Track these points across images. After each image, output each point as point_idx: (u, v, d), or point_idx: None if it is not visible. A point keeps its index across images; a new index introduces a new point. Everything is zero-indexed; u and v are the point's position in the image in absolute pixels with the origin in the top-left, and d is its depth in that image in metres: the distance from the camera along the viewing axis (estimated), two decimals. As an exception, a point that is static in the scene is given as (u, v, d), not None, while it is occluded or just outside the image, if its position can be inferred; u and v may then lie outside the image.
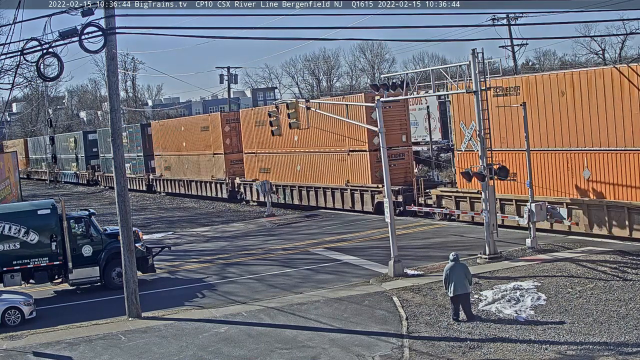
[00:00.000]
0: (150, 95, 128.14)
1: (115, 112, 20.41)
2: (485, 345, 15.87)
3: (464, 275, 17.76)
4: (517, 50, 60.34)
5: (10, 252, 23.29)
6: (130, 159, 61.66)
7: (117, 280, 23.62)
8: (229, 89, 72.32)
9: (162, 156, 58.40)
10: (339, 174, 38.00)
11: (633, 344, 15.09)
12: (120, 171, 20.37)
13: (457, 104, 30.23)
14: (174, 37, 67.34)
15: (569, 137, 25.56)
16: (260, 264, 26.87)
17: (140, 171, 62.05)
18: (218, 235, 35.16)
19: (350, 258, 26.11)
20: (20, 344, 18.53)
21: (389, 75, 30.81)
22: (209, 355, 16.68)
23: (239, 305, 20.87)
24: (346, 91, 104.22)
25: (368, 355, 15.82)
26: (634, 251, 22.52)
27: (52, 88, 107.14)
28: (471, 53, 23.15)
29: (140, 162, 61.74)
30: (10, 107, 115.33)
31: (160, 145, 58.91)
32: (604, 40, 76.68)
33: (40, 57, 18.23)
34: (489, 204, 23.47)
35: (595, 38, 75.34)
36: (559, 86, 25.66)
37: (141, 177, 62.05)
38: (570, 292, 18.99)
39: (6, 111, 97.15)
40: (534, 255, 23.41)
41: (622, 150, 23.81)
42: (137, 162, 62.38)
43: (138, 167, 62.51)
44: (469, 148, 29.10)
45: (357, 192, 36.71)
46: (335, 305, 19.79)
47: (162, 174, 58.61)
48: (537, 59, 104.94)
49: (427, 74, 26.12)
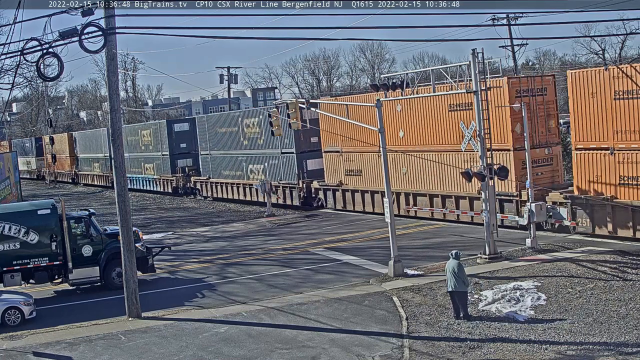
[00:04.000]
0: (150, 95, 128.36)
1: (115, 112, 20.41)
2: (485, 345, 15.87)
3: (456, 273, 17.78)
4: (517, 50, 60.24)
5: (10, 252, 23.28)
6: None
7: (117, 280, 23.61)
8: (229, 89, 72.36)
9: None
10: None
11: (633, 344, 15.09)
12: (120, 171, 20.36)
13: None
14: (174, 37, 67.45)
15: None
16: (260, 264, 26.87)
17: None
18: (218, 235, 35.15)
19: (350, 258, 26.11)
20: (20, 344, 18.52)
21: (389, 75, 30.81)
22: (209, 355, 16.68)
23: (239, 305, 20.87)
24: (346, 91, 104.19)
25: (368, 355, 15.82)
26: (634, 251, 22.52)
27: (52, 88, 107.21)
28: (471, 53, 23.16)
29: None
30: (10, 107, 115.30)
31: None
32: (604, 40, 76.67)
33: (40, 57, 18.22)
34: (489, 204, 23.48)
35: (595, 38, 75.31)
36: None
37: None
38: (570, 292, 18.99)
39: (6, 111, 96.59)
40: (534, 255, 23.41)
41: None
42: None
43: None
44: (469, 148, 29.08)
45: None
46: (335, 305, 19.80)
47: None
48: (537, 59, 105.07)
49: (427, 74, 26.12)
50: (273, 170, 42.64)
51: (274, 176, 42.43)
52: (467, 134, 25.30)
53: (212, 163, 50.30)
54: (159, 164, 57.21)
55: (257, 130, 43.89)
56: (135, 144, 61.75)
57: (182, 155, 55.17)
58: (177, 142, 55.33)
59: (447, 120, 30.77)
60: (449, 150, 30.65)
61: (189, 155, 54.89)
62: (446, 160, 30.68)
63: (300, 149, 40.34)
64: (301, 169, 40.47)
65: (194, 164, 54.35)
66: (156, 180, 57.57)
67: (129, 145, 60.75)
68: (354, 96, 31.22)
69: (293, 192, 41.19)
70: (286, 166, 41.52)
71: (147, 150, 60.01)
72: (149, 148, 59.38)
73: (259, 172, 44.36)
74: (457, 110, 30.20)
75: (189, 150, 54.88)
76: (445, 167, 30.58)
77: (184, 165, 54.73)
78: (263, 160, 43.59)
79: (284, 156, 41.67)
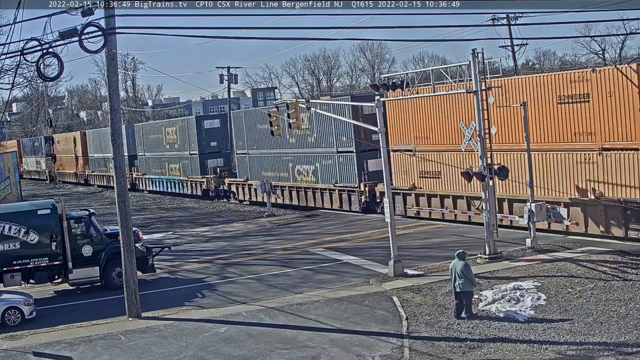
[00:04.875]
0: (150, 95, 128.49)
1: (115, 112, 20.41)
2: (485, 345, 15.87)
3: (464, 273, 17.82)
4: (517, 50, 60.37)
5: (10, 252, 23.29)
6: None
7: (117, 280, 23.61)
8: (229, 89, 72.29)
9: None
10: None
11: (633, 344, 15.09)
12: (120, 171, 20.37)
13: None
14: (174, 37, 67.44)
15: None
16: (260, 264, 26.87)
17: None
18: (218, 235, 35.15)
19: (350, 258, 26.11)
20: (20, 344, 18.53)
21: (389, 75, 30.79)
22: (209, 355, 16.68)
23: (239, 305, 20.87)
24: (346, 91, 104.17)
25: (368, 355, 15.82)
26: (634, 251, 22.52)
27: (52, 88, 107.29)
28: (471, 53, 23.17)
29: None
30: (10, 107, 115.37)
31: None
32: (604, 40, 76.82)
33: (40, 57, 18.23)
34: (489, 204, 23.48)
35: (595, 38, 75.45)
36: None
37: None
38: (570, 292, 18.99)
39: (6, 111, 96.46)
40: (534, 255, 23.41)
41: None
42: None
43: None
44: (469, 148, 29.06)
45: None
46: (335, 305, 19.80)
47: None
48: (537, 59, 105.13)
49: (427, 74, 26.12)
50: (326, 171, 38.46)
51: (328, 178, 38.45)
52: (467, 134, 25.22)
53: (250, 163, 45.97)
54: (185, 164, 52.94)
55: (306, 126, 38.27)
56: (158, 142, 57.32)
57: (212, 154, 51.07)
58: (207, 140, 50.80)
59: (557, 115, 26.15)
60: (561, 150, 26.07)
61: (219, 155, 51.05)
62: (561, 160, 26.15)
63: (360, 147, 35.41)
64: (362, 170, 35.99)
65: (225, 164, 50.85)
66: (183, 182, 52.93)
67: (151, 144, 58.51)
68: (438, 85, 27.35)
69: (352, 196, 36.69)
70: (343, 167, 37.23)
71: (172, 150, 55.45)
72: (175, 147, 54.98)
73: (308, 174, 40.13)
74: (569, 103, 25.61)
75: (220, 149, 51.21)
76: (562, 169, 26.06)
77: (215, 165, 50.35)
78: (314, 161, 39.24)
79: (340, 156, 37.19)
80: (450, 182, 30.91)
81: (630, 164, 23.82)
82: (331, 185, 38.13)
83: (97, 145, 69.76)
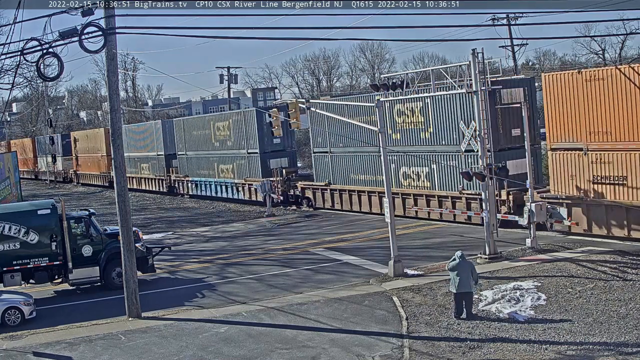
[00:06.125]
0: (150, 95, 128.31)
1: (115, 112, 20.42)
2: (485, 345, 15.87)
3: (470, 274, 17.85)
4: (517, 50, 60.34)
5: (10, 252, 23.29)
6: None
7: (117, 280, 23.61)
8: (229, 89, 72.35)
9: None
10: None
11: (633, 344, 15.09)
12: (120, 171, 20.37)
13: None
14: (174, 37, 67.40)
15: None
16: (260, 264, 26.87)
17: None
18: (218, 235, 35.15)
19: (350, 258, 26.11)
20: (20, 344, 18.53)
21: (389, 75, 30.80)
22: (209, 355, 16.68)
23: (239, 305, 20.87)
24: (346, 91, 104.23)
25: (368, 355, 15.82)
26: (634, 251, 22.53)
27: (52, 88, 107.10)
28: (471, 53, 23.18)
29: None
30: (10, 107, 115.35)
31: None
32: (604, 40, 76.73)
33: (40, 57, 18.24)
34: (489, 204, 23.49)
35: (595, 38, 75.37)
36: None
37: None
38: (570, 292, 18.99)
39: (6, 111, 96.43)
40: (534, 255, 23.42)
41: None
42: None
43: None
44: (469, 148, 29.09)
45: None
46: (335, 305, 19.80)
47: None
48: (537, 59, 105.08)
49: (427, 74, 26.13)
50: (446, 174, 30.93)
51: (449, 183, 30.76)
52: (467, 134, 25.19)
53: (332, 164, 38.64)
54: (241, 165, 44.94)
55: (419, 119, 31.58)
56: (206, 139, 48.86)
57: (275, 153, 42.98)
58: (269, 136, 40.90)
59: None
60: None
61: (284, 154, 43.11)
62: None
63: (499, 144, 28.17)
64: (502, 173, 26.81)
65: (290, 164, 43.49)
66: (238, 186, 44.97)
67: (196, 141, 50.44)
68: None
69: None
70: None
71: (223, 148, 46.98)
72: (227, 145, 46.64)
73: (419, 178, 32.43)
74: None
75: (284, 147, 43.16)
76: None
77: (278, 166, 42.48)
78: (429, 162, 31.39)
79: (469, 155, 29.35)
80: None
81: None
82: (456, 192, 30.05)
83: (126, 143, 60.21)
